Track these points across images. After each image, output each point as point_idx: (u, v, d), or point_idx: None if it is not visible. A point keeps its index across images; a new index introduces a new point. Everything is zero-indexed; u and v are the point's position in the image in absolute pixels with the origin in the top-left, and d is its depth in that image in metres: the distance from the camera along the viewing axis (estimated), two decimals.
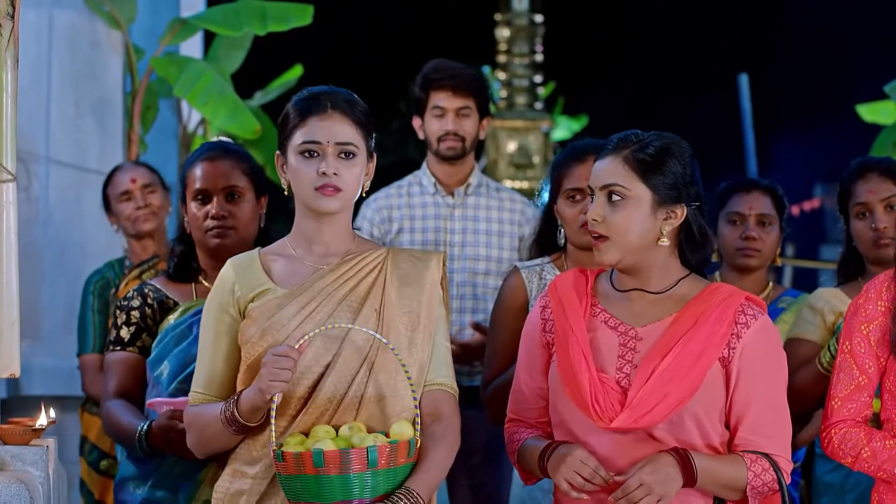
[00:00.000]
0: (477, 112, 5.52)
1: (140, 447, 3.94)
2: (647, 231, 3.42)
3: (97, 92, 7.20)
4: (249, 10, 7.49)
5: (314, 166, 3.41)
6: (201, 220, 4.08)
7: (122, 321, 4.15)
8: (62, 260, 6.92)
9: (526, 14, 26.75)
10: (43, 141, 6.96)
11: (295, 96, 3.53)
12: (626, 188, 3.41)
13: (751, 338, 3.41)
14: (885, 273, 3.62)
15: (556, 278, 3.60)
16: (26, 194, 6.82)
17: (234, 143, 4.30)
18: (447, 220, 5.56)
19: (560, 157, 4.40)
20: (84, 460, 5.71)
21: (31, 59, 6.88)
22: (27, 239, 6.76)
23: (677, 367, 3.34)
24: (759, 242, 4.87)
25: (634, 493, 3.27)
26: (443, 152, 5.52)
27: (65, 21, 7.11)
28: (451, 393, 3.51)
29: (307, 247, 3.50)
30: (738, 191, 4.98)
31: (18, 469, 3.49)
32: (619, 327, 3.46)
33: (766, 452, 3.40)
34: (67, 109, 7.07)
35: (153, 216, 5.67)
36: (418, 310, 3.48)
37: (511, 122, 25.73)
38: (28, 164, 6.85)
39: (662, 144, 3.44)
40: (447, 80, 5.47)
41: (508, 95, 26.40)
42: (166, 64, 7.39)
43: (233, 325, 3.47)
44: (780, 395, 3.46)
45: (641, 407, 3.33)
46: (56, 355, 6.63)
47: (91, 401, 5.65)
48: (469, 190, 5.59)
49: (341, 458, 3.19)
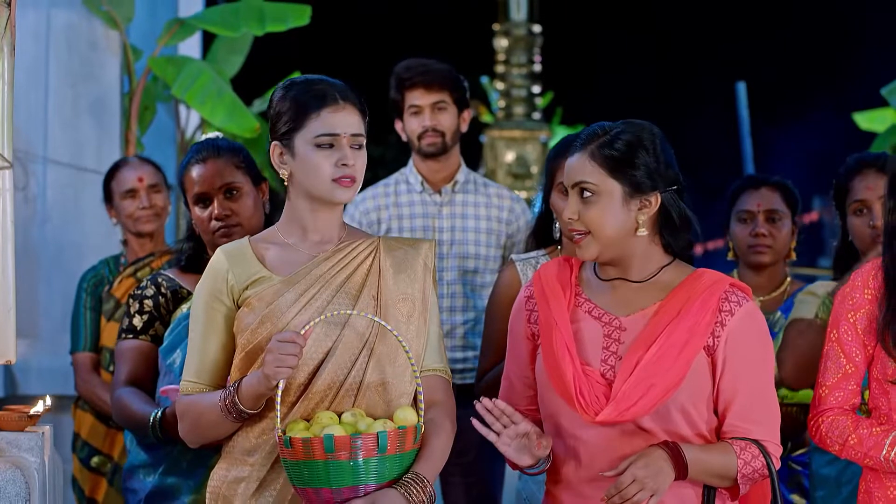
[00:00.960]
0: (454, 105, 5.51)
1: (154, 434, 3.96)
2: (623, 223, 3.39)
3: (95, 92, 7.20)
4: (247, 11, 7.50)
5: (331, 157, 3.41)
6: (206, 223, 4.11)
7: (135, 310, 4.17)
8: (59, 259, 6.91)
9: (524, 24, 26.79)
10: (41, 141, 6.96)
11: (290, 85, 3.50)
12: (595, 184, 3.39)
13: (735, 325, 3.39)
14: (872, 261, 3.62)
15: (541, 268, 3.59)
16: (24, 194, 6.82)
17: (223, 138, 4.30)
18: (435, 219, 5.55)
19: (553, 151, 4.41)
20: (76, 457, 5.69)
21: (29, 59, 6.87)
22: (25, 238, 6.77)
23: (661, 359, 3.33)
24: (769, 238, 4.90)
25: (628, 490, 3.26)
26: (424, 149, 5.52)
27: (63, 21, 7.11)
28: (445, 378, 3.54)
29: (301, 234, 3.50)
30: (748, 188, 5.00)
31: (14, 455, 3.49)
32: (604, 317, 3.44)
33: (755, 438, 3.39)
34: (65, 109, 7.07)
35: (156, 217, 5.65)
36: (414, 296, 3.49)
37: (509, 132, 25.75)
38: (26, 164, 6.85)
39: (630, 137, 3.41)
40: (419, 77, 5.48)
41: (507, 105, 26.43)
42: (164, 64, 7.39)
43: (226, 313, 3.46)
44: (767, 381, 3.45)
45: (626, 400, 3.32)
46: (53, 354, 6.62)
47: (82, 398, 5.64)
48: (456, 187, 5.58)
49: (352, 442, 3.19)
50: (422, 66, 5.51)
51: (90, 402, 5.56)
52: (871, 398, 3.60)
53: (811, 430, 3.63)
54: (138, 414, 4.03)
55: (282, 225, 3.54)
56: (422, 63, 5.53)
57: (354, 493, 3.22)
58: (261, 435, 3.42)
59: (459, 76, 5.58)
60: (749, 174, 5.27)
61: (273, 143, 3.49)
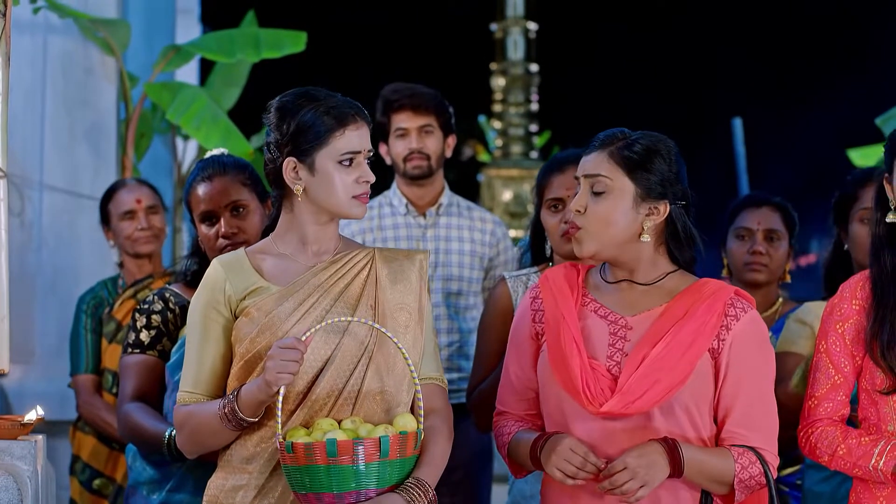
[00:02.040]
0: (440, 130, 5.54)
1: (168, 451, 3.92)
2: (629, 225, 3.44)
3: (91, 118, 7.20)
4: (243, 38, 7.52)
5: (352, 175, 3.44)
6: (213, 241, 4.10)
7: (141, 324, 4.15)
8: (55, 285, 6.90)
9: (521, 63, 26.87)
10: (37, 166, 6.95)
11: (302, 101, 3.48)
12: (610, 179, 3.44)
13: (740, 329, 3.43)
14: (860, 273, 3.63)
15: (548, 271, 3.63)
16: (20, 219, 6.82)
17: (229, 155, 4.29)
18: (419, 241, 5.56)
19: (543, 168, 4.44)
20: (76, 479, 5.67)
21: (25, 85, 6.89)
22: (20, 264, 6.76)
23: (667, 356, 3.36)
24: (765, 257, 4.90)
25: (618, 476, 3.27)
26: (409, 172, 5.53)
27: (59, 47, 7.11)
28: (442, 387, 3.56)
29: (299, 245, 3.51)
30: (748, 206, 5.01)
31: (7, 463, 3.49)
32: (610, 316, 3.48)
33: (752, 446, 3.40)
34: (61, 135, 7.07)
35: (154, 239, 5.65)
36: (410, 306, 3.51)
37: (506, 171, 25.80)
38: (22, 190, 6.86)
39: (649, 143, 3.47)
40: (406, 100, 5.51)
41: (504, 144, 26.49)
42: (159, 89, 7.40)
43: (224, 323, 3.47)
44: (768, 389, 3.47)
45: (632, 393, 3.35)
46: (48, 379, 6.61)
47: (83, 420, 5.63)
48: (441, 210, 5.60)
49: (354, 447, 3.20)
50: (409, 90, 5.54)
51: (93, 424, 5.54)
52: (861, 409, 3.59)
53: (801, 441, 3.62)
54: (149, 430, 3.99)
55: (278, 236, 3.55)
56: (409, 87, 5.56)
57: (356, 498, 3.23)
58: (259, 443, 3.43)
59: (445, 101, 5.61)
60: (750, 193, 5.27)
61: (287, 159, 3.46)
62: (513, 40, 27.55)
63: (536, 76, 26.78)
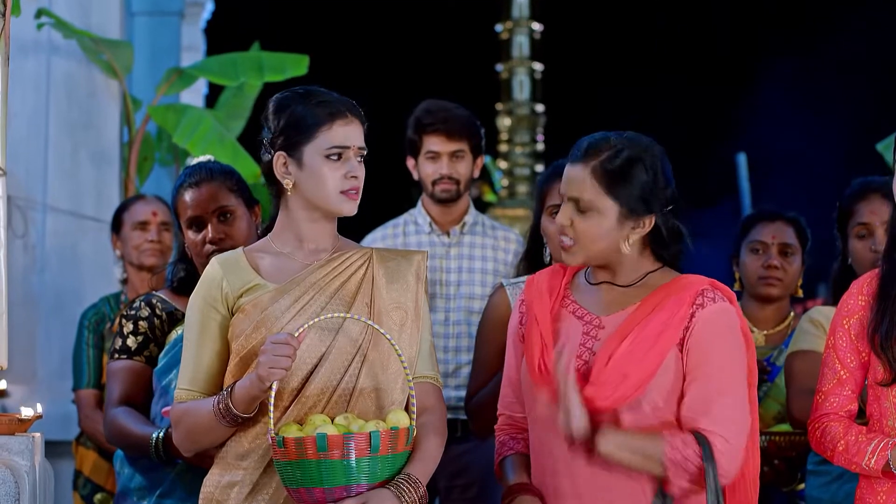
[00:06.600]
0: (471, 153, 5.50)
1: (156, 454, 3.92)
2: (613, 240, 3.42)
3: (94, 140, 7.22)
4: (246, 61, 7.56)
5: (340, 170, 3.44)
6: (200, 246, 4.10)
7: (128, 330, 4.16)
8: (58, 306, 6.91)
9: (527, 103, 27.02)
10: (40, 188, 6.98)
11: (294, 97, 3.51)
12: (592, 201, 3.40)
13: (704, 317, 3.37)
14: (871, 271, 3.63)
15: (536, 274, 3.64)
16: (23, 241, 6.85)
17: (216, 161, 4.31)
18: (443, 260, 5.54)
19: (544, 175, 4.43)
20: (77, 494, 5.68)
21: (29, 107, 6.94)
22: (24, 285, 6.78)
23: (634, 351, 3.34)
24: (780, 272, 4.90)
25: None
26: (438, 195, 5.51)
27: (62, 70, 7.15)
28: (436, 385, 3.56)
29: (296, 244, 3.52)
30: (762, 220, 5.00)
31: (4, 457, 3.50)
32: (585, 317, 3.47)
33: (699, 428, 3.31)
34: (64, 157, 7.10)
35: (161, 254, 5.70)
36: (407, 305, 3.52)
37: (512, 211, 25.88)
38: (25, 212, 6.89)
39: (631, 154, 3.40)
40: (440, 124, 5.44)
41: (510, 184, 26.59)
42: (164, 112, 7.42)
43: (220, 321, 3.48)
44: (731, 379, 3.37)
45: (602, 388, 3.32)
46: (51, 400, 6.61)
47: (85, 435, 5.63)
48: (465, 229, 5.58)
49: (344, 442, 3.20)
50: (443, 113, 5.46)
51: (94, 439, 5.55)
52: (868, 405, 3.60)
53: (810, 435, 3.62)
54: (136, 434, 4.00)
55: (275, 235, 3.56)
56: (443, 108, 5.49)
57: (346, 493, 3.22)
58: (254, 440, 3.43)
59: (478, 122, 5.57)
60: (763, 207, 5.26)
61: (277, 153, 3.48)
62: (518, 80, 27.68)
63: (542, 116, 26.91)
